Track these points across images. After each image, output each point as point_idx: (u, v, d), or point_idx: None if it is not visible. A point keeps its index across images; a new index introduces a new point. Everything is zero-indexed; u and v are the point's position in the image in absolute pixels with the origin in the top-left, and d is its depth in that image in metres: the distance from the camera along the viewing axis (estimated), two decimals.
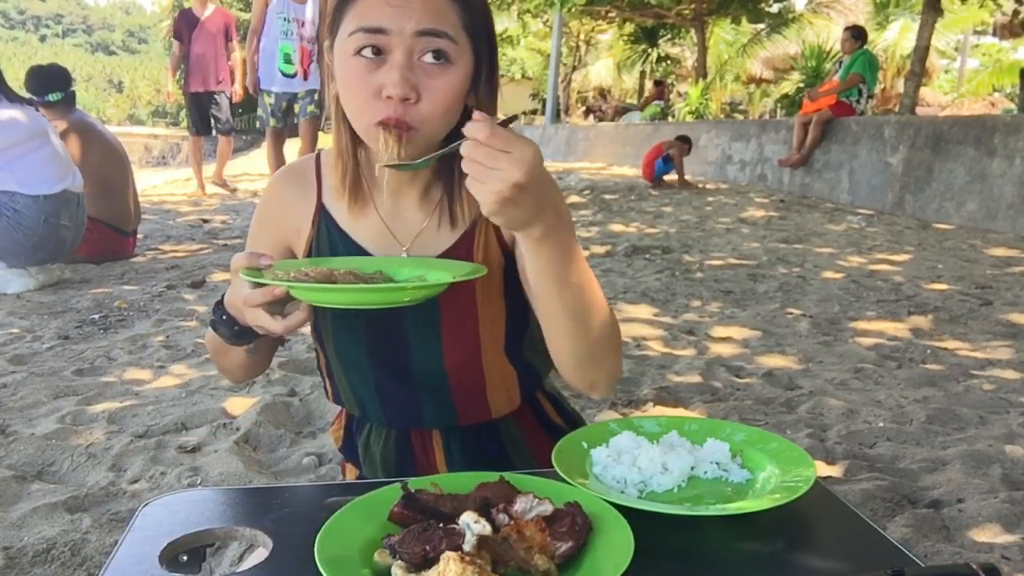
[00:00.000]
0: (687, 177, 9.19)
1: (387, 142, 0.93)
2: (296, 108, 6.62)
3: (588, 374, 1.02)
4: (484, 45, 0.98)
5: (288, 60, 6.48)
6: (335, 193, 1.08)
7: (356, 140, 1.02)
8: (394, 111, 0.91)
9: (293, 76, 6.51)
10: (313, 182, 1.11)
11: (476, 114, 0.79)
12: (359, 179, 1.05)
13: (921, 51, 8.96)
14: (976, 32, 21.83)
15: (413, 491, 0.80)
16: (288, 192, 1.12)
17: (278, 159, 6.79)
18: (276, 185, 1.15)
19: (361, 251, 1.07)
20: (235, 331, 0.99)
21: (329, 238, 1.08)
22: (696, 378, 2.72)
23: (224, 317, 0.99)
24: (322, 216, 1.09)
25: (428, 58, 0.92)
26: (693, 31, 18.15)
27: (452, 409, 1.11)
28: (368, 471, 1.18)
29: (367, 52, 0.92)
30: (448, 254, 1.07)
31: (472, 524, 0.73)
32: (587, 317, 0.95)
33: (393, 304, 0.92)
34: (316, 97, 6.67)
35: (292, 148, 6.98)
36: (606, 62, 25.44)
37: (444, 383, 1.09)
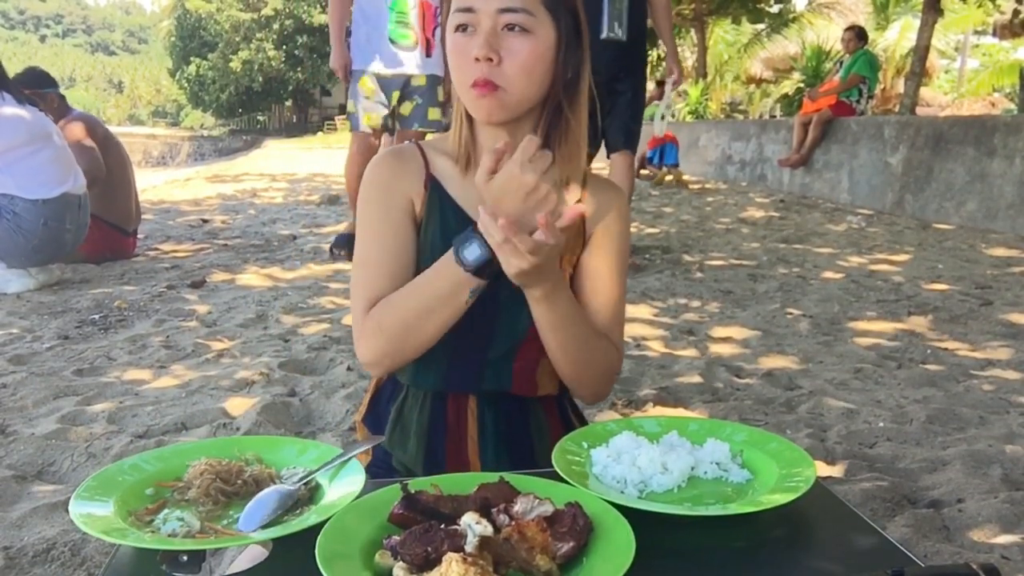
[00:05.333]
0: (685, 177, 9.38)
1: (479, 103, 1.06)
2: (408, 107, 4.23)
3: (574, 384, 1.18)
4: (566, 20, 1.08)
5: (403, 22, 4.12)
6: (443, 166, 1.16)
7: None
8: (481, 72, 1.04)
9: (412, 48, 4.16)
10: (419, 159, 1.18)
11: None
12: (472, 144, 1.14)
13: (921, 51, 8.97)
14: (976, 32, 21.84)
15: (413, 492, 0.80)
16: (396, 167, 1.18)
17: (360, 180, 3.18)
18: (380, 165, 1.18)
19: (466, 217, 1.13)
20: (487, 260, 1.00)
21: (440, 203, 1.15)
22: (696, 378, 2.72)
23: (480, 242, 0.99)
24: (432, 184, 1.16)
25: (508, 29, 1.05)
26: (693, 31, 18.16)
27: (509, 376, 1.16)
28: (396, 438, 1.20)
29: (461, 27, 1.06)
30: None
31: (474, 525, 0.73)
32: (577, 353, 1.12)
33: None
34: (440, 97, 4.26)
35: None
36: None
37: (514, 352, 1.15)
